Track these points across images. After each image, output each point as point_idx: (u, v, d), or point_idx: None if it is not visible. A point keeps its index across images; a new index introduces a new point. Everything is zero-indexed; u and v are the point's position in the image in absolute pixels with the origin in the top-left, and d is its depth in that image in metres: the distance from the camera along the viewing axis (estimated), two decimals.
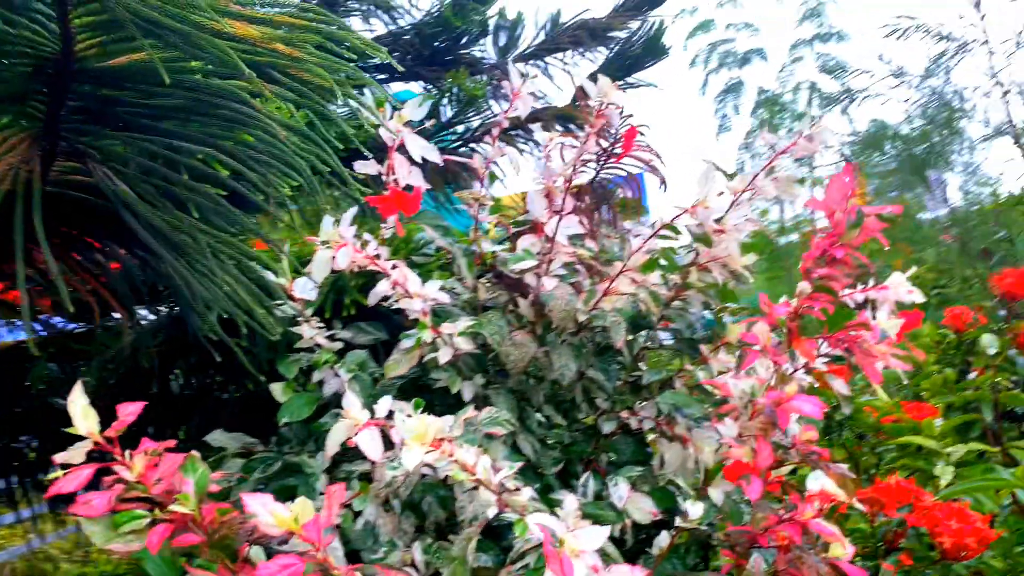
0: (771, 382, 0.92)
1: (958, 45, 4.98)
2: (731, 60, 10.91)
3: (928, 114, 5.57)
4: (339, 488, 0.85)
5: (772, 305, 0.92)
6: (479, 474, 0.97)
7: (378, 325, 1.34)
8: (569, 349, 1.22)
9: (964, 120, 5.24)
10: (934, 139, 5.49)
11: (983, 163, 5.63)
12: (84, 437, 0.88)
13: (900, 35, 5.30)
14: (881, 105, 8.64)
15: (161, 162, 1.01)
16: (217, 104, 0.91)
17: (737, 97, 11.03)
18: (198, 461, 0.89)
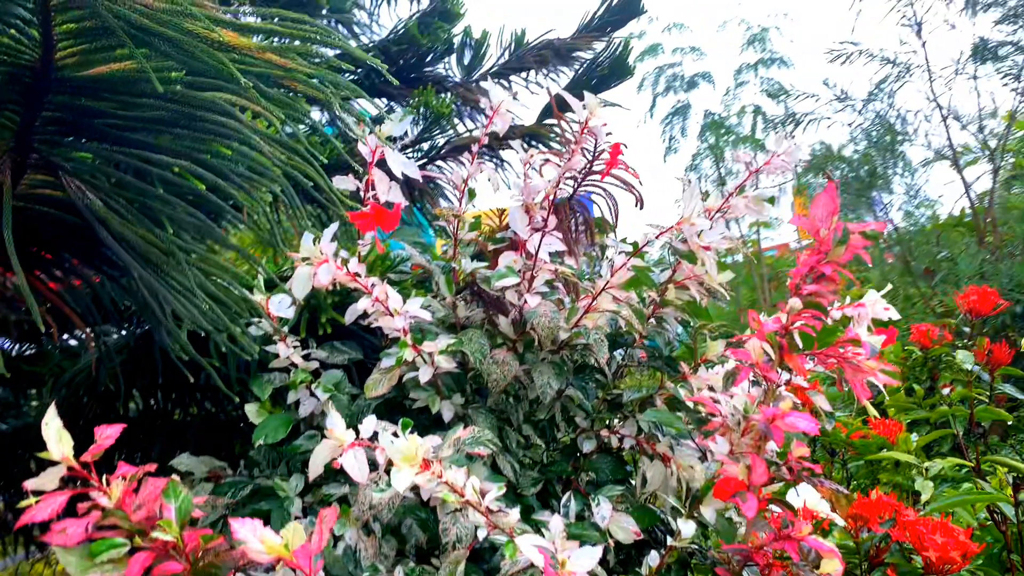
0: (760, 399, 0.92)
1: (900, 70, 5.13)
2: (678, 83, 11.13)
3: (871, 137, 5.73)
4: (331, 512, 0.83)
5: (761, 322, 0.93)
6: (468, 495, 0.95)
7: (352, 345, 1.32)
8: (550, 367, 1.21)
9: (906, 143, 5.40)
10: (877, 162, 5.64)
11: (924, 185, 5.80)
12: (56, 462, 0.84)
13: (844, 60, 5.46)
14: (827, 128, 8.86)
15: (134, 175, 0.98)
16: (200, 116, 0.89)
17: (684, 119, 11.23)
18: (180, 486, 0.86)
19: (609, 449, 1.30)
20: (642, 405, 1.27)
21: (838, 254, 0.93)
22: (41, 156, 0.93)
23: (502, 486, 0.98)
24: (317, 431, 1.23)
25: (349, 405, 1.21)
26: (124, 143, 0.92)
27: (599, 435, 1.27)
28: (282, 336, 1.19)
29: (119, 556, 0.82)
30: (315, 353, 1.24)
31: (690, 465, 1.20)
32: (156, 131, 0.92)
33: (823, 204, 0.98)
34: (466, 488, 0.94)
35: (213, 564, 0.82)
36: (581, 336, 1.19)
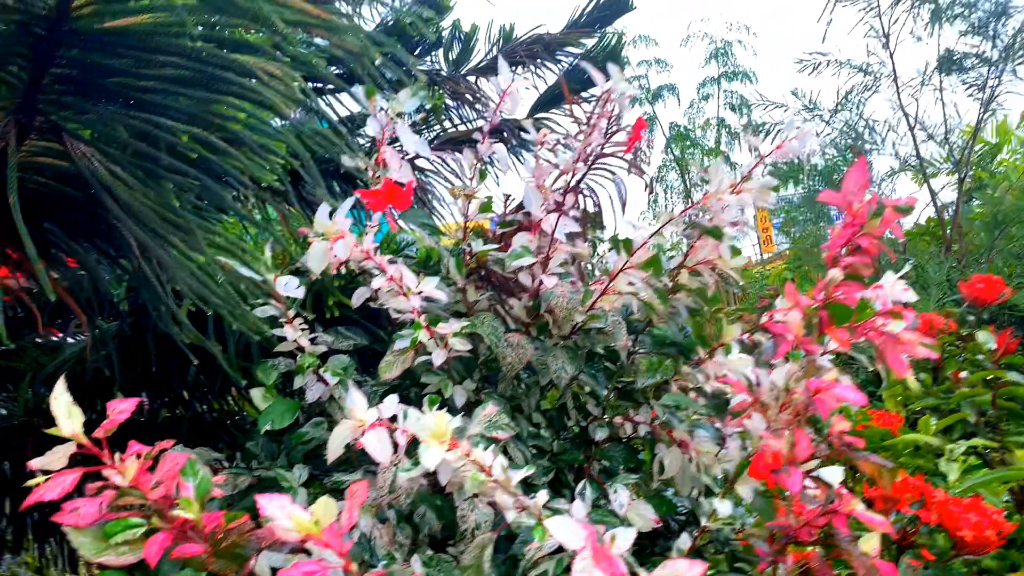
0: (797, 373, 0.90)
1: (867, 81, 5.21)
2: (643, 95, 11.22)
3: (839, 146, 5.81)
4: (362, 487, 0.79)
5: (798, 294, 0.91)
6: (496, 475, 0.91)
7: (357, 330, 1.27)
8: (564, 352, 1.18)
9: (874, 152, 5.48)
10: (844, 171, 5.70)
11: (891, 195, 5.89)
12: (66, 439, 0.79)
13: (813, 70, 5.53)
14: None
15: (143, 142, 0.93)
16: (220, 76, 0.84)
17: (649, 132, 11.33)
18: (199, 464, 0.81)
19: (620, 437, 1.28)
20: (656, 391, 1.24)
21: (874, 226, 0.92)
22: (46, 118, 0.88)
23: (531, 466, 0.94)
24: (323, 418, 1.19)
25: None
26: (139, 105, 0.87)
27: (612, 423, 1.24)
28: (289, 318, 1.15)
29: (135, 537, 0.77)
30: (321, 337, 1.20)
31: (708, 451, 1.17)
32: (173, 93, 0.87)
33: (855, 178, 0.96)
34: (494, 468, 0.91)
35: (237, 544, 0.77)
36: (597, 319, 1.16)
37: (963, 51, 4.99)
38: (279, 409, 1.14)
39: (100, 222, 1.05)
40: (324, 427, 1.18)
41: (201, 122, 0.88)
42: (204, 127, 0.87)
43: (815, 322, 0.88)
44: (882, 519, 0.80)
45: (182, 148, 0.95)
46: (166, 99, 0.87)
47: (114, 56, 0.82)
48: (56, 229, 1.11)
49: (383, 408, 0.93)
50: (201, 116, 0.89)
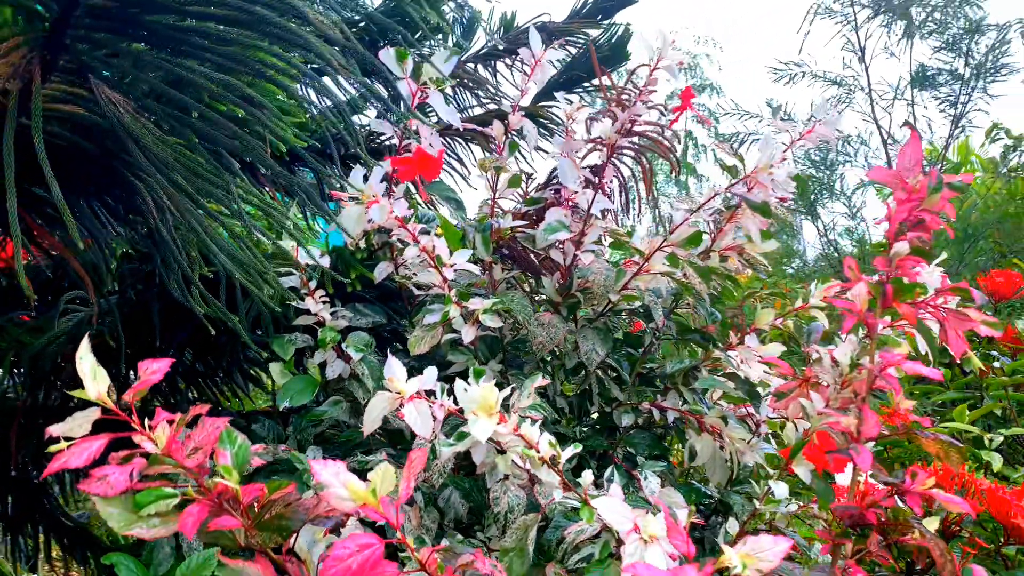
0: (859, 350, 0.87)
1: (843, 93, 5.27)
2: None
3: (811, 160, 5.86)
4: (420, 454, 0.73)
5: (858, 269, 0.88)
6: (543, 452, 0.87)
7: (376, 307, 1.22)
8: (595, 333, 1.14)
9: (847, 165, 5.54)
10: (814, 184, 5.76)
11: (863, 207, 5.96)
12: (91, 403, 0.72)
13: (788, 80, 5.58)
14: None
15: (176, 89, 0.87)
16: (268, 20, 0.79)
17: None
18: (235, 432, 0.75)
19: (644, 424, 1.24)
20: (684, 377, 1.21)
21: (934, 201, 0.89)
22: (74, 56, 0.82)
23: (577, 444, 0.90)
24: (341, 396, 1.13)
25: (379, 367, 1.11)
26: (177, 50, 0.81)
27: (637, 408, 1.20)
28: (311, 290, 1.09)
29: (167, 508, 0.71)
30: (341, 312, 1.14)
31: (740, 438, 1.14)
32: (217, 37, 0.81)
33: (910, 154, 0.94)
34: (541, 445, 0.86)
35: (282, 515, 0.71)
36: (633, 299, 1.12)
37: (936, 67, 5.07)
38: (298, 386, 1.08)
39: (114, 178, 0.99)
40: (342, 406, 1.12)
41: (246, 69, 0.82)
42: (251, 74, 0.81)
43: (879, 297, 0.84)
44: (959, 499, 0.77)
45: (210, 102, 0.89)
46: (210, 42, 0.80)
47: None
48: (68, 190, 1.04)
49: (424, 379, 0.88)
50: (241, 64, 0.83)
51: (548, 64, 1.20)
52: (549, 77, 2.26)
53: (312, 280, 1.10)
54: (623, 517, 0.84)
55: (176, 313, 1.25)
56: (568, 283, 1.13)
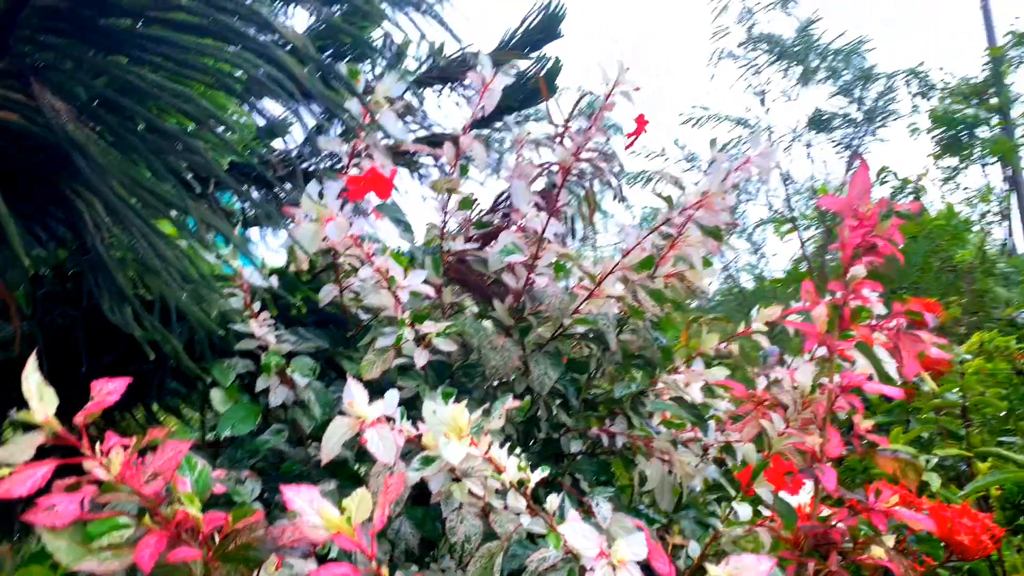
0: (816, 371, 0.89)
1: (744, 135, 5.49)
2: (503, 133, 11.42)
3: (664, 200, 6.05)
4: (397, 480, 0.70)
5: (815, 293, 0.90)
6: (511, 476, 0.85)
7: (319, 332, 1.18)
8: (546, 357, 1.13)
9: (748, 203, 5.76)
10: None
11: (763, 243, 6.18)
12: (36, 425, 0.67)
13: (696, 123, 5.77)
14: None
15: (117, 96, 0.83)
16: (233, 29, 0.76)
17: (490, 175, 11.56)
18: (195, 458, 0.71)
19: (592, 450, 1.23)
20: (632, 401, 1.21)
21: (884, 228, 0.92)
22: (16, 60, 0.77)
23: (545, 467, 0.88)
24: (285, 425, 1.08)
25: (326, 393, 1.07)
26: (136, 57, 0.77)
27: (585, 434, 1.20)
28: (254, 312, 1.04)
29: (122, 540, 0.66)
30: (285, 336, 1.10)
31: (687, 462, 1.14)
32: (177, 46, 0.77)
33: (859, 183, 0.97)
34: (508, 469, 0.84)
35: (248, 546, 0.67)
36: (585, 323, 1.12)
37: (831, 111, 5.35)
38: (239, 413, 1.03)
39: (51, 193, 0.93)
40: (285, 435, 1.08)
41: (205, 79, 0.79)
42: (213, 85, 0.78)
43: (837, 320, 0.87)
44: (922, 517, 0.79)
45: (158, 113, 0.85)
46: (170, 51, 0.77)
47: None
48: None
49: (386, 404, 0.85)
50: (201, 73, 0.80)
51: (497, 90, 1.20)
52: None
53: (256, 302, 1.05)
54: (590, 542, 0.83)
55: (102, 337, 1.18)
56: (521, 306, 1.12)
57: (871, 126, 5.32)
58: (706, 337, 1.19)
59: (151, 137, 0.82)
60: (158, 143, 0.81)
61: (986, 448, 1.32)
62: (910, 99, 6.22)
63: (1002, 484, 1.14)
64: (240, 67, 0.79)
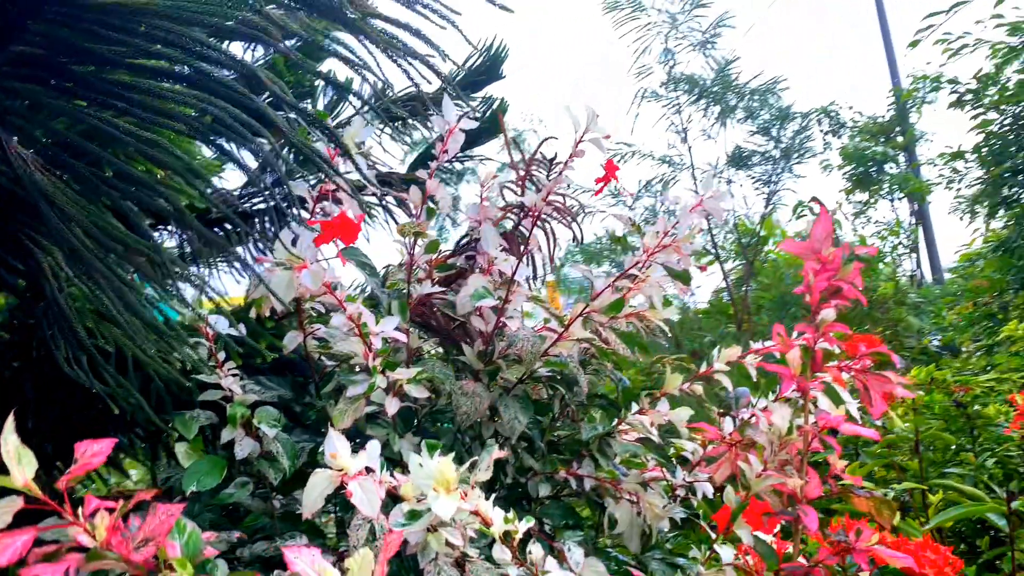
0: (788, 414, 0.91)
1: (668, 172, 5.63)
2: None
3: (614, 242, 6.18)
4: (395, 537, 0.69)
5: (787, 336, 0.92)
6: (496, 529, 0.84)
7: (282, 381, 1.15)
8: (516, 401, 1.13)
9: None
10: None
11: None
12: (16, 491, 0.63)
13: (620, 159, 5.89)
14: (601, 221, 9.47)
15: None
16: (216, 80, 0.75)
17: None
18: (183, 519, 0.68)
19: (556, 493, 1.23)
20: (599, 443, 1.21)
21: (848, 272, 0.96)
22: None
23: (529, 518, 0.88)
24: (249, 478, 1.05)
25: (293, 444, 1.04)
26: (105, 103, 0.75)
27: (552, 477, 1.20)
28: (219, 362, 1.01)
29: None
30: (249, 386, 1.07)
31: (655, 503, 1.15)
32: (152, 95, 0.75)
33: (822, 227, 1.01)
34: (495, 522, 0.83)
35: None
36: (555, 366, 1.12)
37: (751, 149, 5.53)
38: (204, 467, 0.99)
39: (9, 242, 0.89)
40: (249, 488, 1.04)
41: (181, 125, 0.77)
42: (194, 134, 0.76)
43: (809, 361, 0.89)
44: (905, 555, 0.81)
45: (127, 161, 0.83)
46: (147, 99, 0.75)
47: (96, 37, 0.70)
48: None
49: (368, 455, 0.83)
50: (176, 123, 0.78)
51: (460, 134, 1.20)
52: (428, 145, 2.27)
53: (220, 351, 1.02)
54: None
55: (52, 390, 1.13)
56: (491, 350, 1.12)
57: (788, 163, 5.53)
58: (670, 377, 1.20)
59: (121, 184, 0.80)
60: (128, 191, 0.79)
61: (940, 481, 1.37)
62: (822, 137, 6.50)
63: (963, 517, 1.19)
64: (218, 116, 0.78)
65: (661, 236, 1.22)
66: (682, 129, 5.65)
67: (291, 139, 0.79)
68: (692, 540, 1.40)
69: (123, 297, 0.80)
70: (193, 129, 0.76)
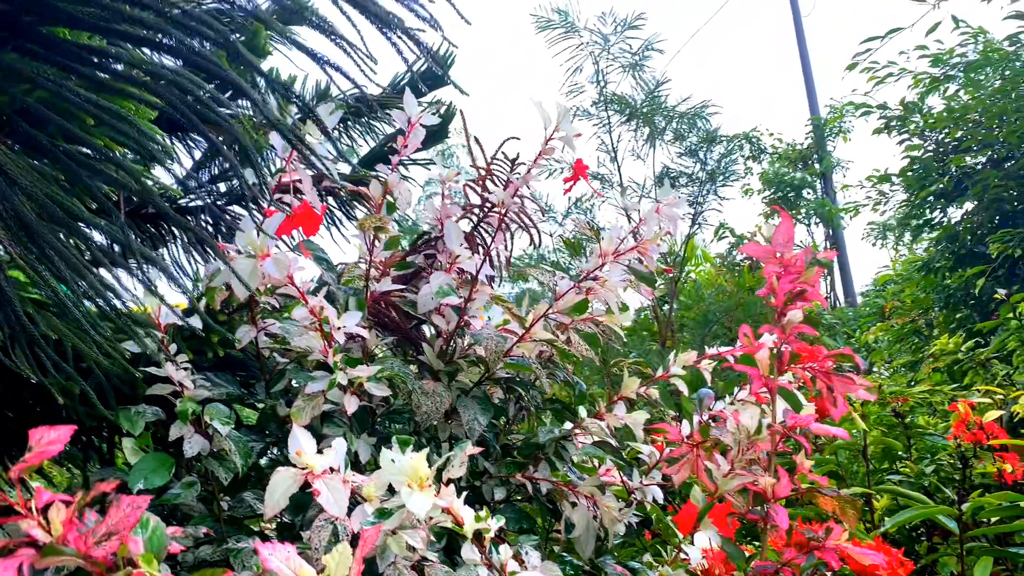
0: (757, 414, 0.92)
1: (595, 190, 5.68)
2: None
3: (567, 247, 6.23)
4: (373, 532, 0.66)
5: (751, 335, 0.93)
6: (467, 528, 0.81)
7: (227, 377, 1.10)
8: (475, 402, 1.10)
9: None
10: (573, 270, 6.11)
11: None
12: None
13: (549, 175, 5.93)
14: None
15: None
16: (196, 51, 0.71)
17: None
18: (148, 514, 0.63)
19: (508, 496, 1.21)
20: (555, 446, 1.20)
21: (811, 275, 0.97)
22: None
23: (500, 517, 0.86)
24: (197, 478, 1.00)
25: (246, 443, 1.00)
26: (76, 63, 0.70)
27: (507, 480, 1.18)
28: (171, 355, 0.96)
29: None
30: (201, 381, 1.02)
31: (611, 506, 1.14)
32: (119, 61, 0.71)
33: (783, 232, 1.02)
34: (466, 521, 0.81)
35: None
36: (513, 367, 1.10)
37: (679, 170, 5.64)
38: (151, 464, 0.94)
39: None
40: (197, 488, 0.99)
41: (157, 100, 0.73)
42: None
43: (775, 362, 0.90)
44: (875, 554, 0.82)
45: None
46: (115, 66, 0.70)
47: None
48: None
49: (336, 453, 0.80)
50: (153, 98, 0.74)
51: (421, 129, 1.18)
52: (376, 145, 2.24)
53: (171, 344, 0.97)
54: None
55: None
56: (452, 349, 1.09)
57: (714, 184, 5.65)
58: (627, 381, 1.20)
59: (80, 156, 0.75)
60: (92, 165, 0.74)
61: (887, 487, 1.40)
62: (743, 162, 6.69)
63: (915, 519, 1.22)
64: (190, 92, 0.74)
65: (623, 239, 1.22)
66: (612, 148, 5.72)
67: (264, 112, 0.76)
68: (638, 547, 1.40)
69: (84, 278, 0.75)
70: (171, 105, 0.72)
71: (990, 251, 2.85)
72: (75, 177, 0.75)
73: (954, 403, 1.46)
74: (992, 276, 2.93)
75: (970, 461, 1.37)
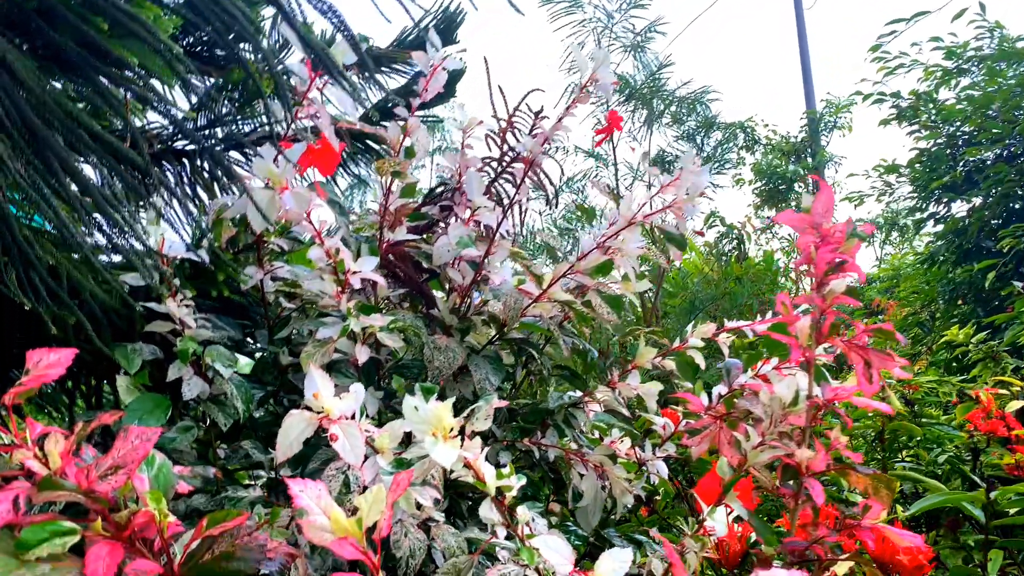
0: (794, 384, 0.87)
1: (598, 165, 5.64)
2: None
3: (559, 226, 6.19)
4: (406, 476, 0.61)
5: (791, 307, 0.88)
6: (489, 485, 0.77)
7: (231, 321, 1.04)
8: (487, 361, 1.05)
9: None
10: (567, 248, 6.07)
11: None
12: None
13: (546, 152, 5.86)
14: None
15: None
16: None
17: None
18: (155, 451, 0.58)
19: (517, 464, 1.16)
20: (564, 413, 1.15)
21: (851, 246, 0.93)
22: None
23: (522, 476, 0.81)
24: (194, 422, 0.95)
25: (248, 387, 0.94)
26: None
27: (514, 445, 1.13)
28: (173, 291, 0.90)
29: (64, 549, 0.52)
30: (203, 320, 0.96)
31: (620, 477, 1.10)
32: None
33: (823, 201, 0.97)
34: (487, 478, 0.76)
35: (230, 555, 0.55)
36: (528, 328, 1.06)
37: (674, 154, 5.60)
38: (147, 405, 0.88)
39: None
40: (195, 432, 0.94)
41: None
42: None
43: (815, 333, 0.85)
44: (913, 535, 0.78)
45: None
46: None
47: None
48: None
49: (356, 396, 0.75)
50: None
51: (443, 73, 1.12)
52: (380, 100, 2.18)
53: (175, 279, 0.91)
54: (564, 558, 0.76)
55: None
56: (466, 305, 1.04)
57: (708, 171, 5.62)
58: (643, 350, 1.16)
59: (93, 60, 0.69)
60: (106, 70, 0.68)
61: (901, 472, 1.37)
62: (737, 151, 6.66)
63: (940, 506, 1.19)
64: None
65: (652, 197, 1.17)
66: None
67: (293, 23, 0.70)
68: (633, 523, 1.36)
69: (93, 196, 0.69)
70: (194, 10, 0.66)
71: (1000, 246, 2.83)
72: (94, 85, 0.69)
73: (961, 395, 1.43)
74: (1001, 270, 2.92)
75: (980, 452, 1.34)
